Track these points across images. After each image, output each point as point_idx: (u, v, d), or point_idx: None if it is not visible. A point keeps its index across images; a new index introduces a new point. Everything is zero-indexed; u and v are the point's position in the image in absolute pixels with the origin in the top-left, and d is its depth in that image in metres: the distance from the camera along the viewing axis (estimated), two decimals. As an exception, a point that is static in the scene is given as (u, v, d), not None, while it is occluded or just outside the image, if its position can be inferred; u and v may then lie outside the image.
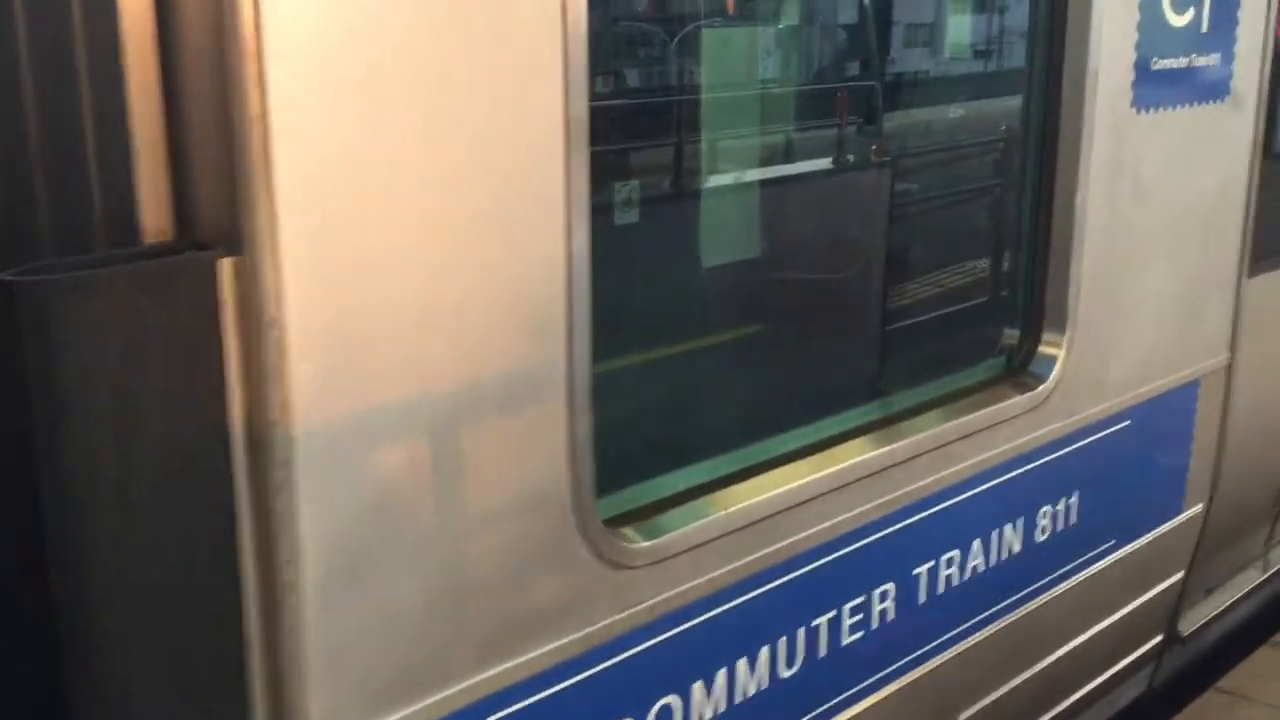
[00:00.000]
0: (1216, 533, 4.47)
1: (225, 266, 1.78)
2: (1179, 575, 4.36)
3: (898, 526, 3.07)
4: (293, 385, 1.82)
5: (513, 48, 2.04)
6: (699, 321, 3.97)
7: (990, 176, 5.26)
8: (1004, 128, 5.04)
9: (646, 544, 2.47)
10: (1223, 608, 4.73)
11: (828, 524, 2.86)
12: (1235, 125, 3.98)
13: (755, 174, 5.33)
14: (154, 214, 1.82)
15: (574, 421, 2.26)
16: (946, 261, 4.91)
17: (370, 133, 1.87)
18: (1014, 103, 3.82)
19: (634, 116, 5.78)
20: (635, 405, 3.22)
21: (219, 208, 1.80)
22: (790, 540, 2.79)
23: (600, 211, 4.90)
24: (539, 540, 2.26)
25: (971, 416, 3.25)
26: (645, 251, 4.65)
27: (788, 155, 5.75)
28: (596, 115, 2.22)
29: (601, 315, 2.29)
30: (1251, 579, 4.91)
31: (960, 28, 7.03)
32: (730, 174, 5.22)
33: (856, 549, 2.98)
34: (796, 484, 2.79)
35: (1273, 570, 5.01)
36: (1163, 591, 4.30)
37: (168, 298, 1.74)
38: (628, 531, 2.48)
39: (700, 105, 5.21)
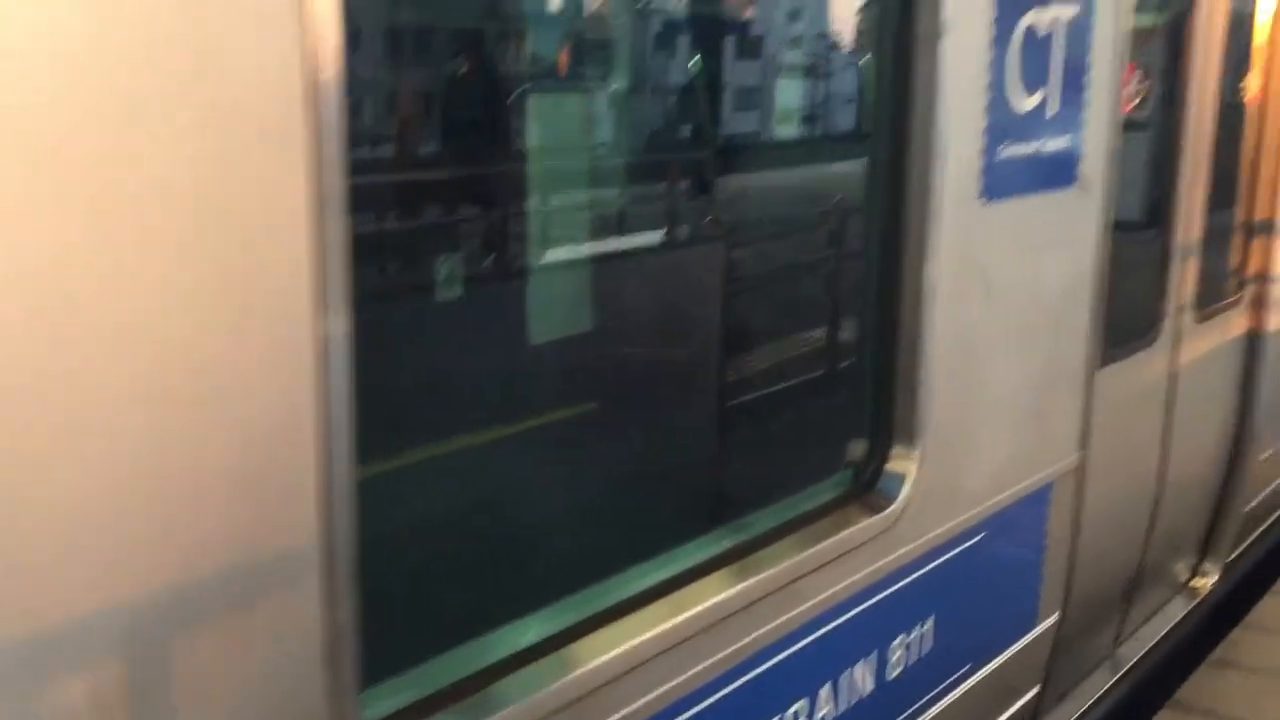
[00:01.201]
0: (1070, 640, 4.21)
1: None
2: (1035, 690, 4.07)
3: (726, 690, 2.64)
4: None
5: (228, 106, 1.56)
6: (507, 415, 3.57)
7: (834, 254, 4.99)
8: (840, 197, 4.80)
9: None
10: (1077, 715, 4.46)
11: (649, 697, 2.42)
12: (1084, 210, 3.76)
13: (580, 248, 4.99)
14: None
15: (332, 607, 1.76)
16: (785, 355, 4.62)
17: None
18: (854, 168, 3.52)
19: (455, 187, 5.38)
20: (420, 554, 2.76)
21: None
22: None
23: (411, 291, 4.52)
24: None
25: (816, 548, 2.87)
26: (459, 332, 4.24)
27: (617, 228, 5.42)
28: (405, 188, 1.73)
29: (388, 415, 1.78)
30: (1103, 681, 4.68)
31: (797, 93, 6.83)
32: (552, 248, 4.87)
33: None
34: (620, 649, 2.34)
35: (1122, 670, 4.79)
36: (1020, 709, 4.00)
37: None
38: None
39: (522, 175, 4.84)
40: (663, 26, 6.30)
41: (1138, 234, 4.58)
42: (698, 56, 6.20)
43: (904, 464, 3.12)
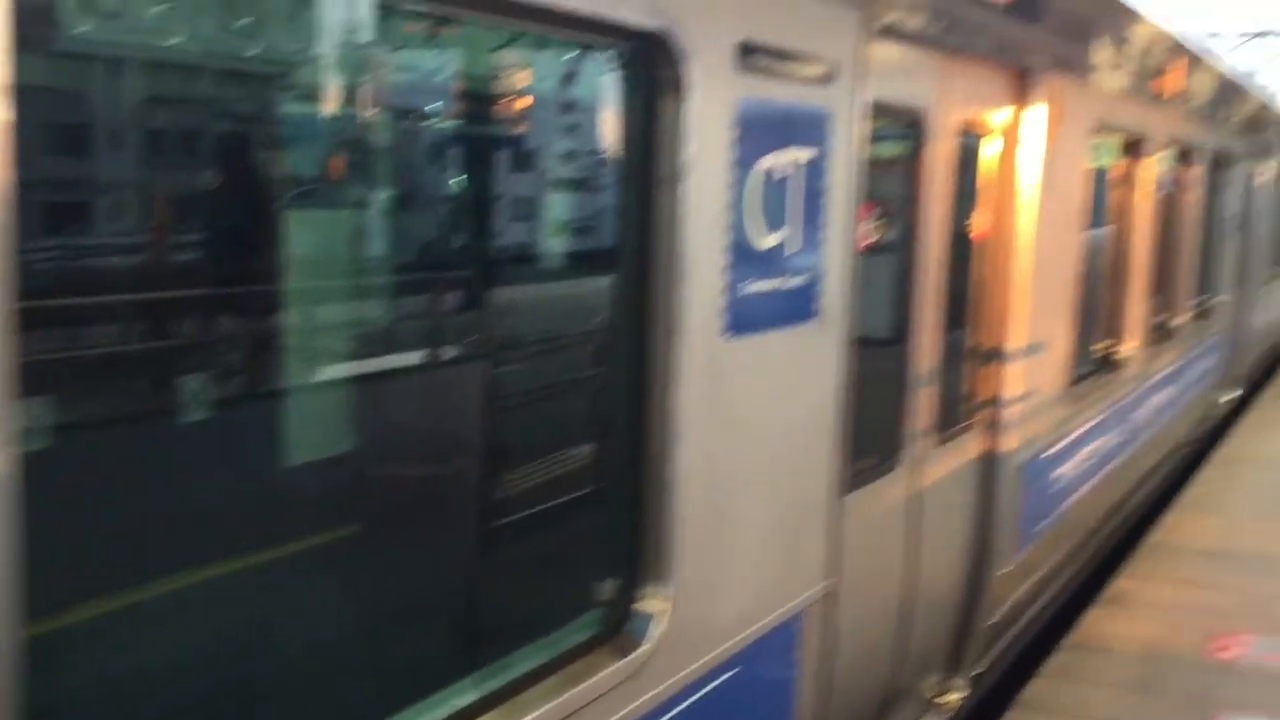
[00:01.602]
0: None
1: None
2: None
3: None
4: None
5: None
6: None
7: (598, 374, 4.97)
8: (600, 319, 4.80)
9: None
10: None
11: None
12: (825, 343, 3.86)
13: (340, 367, 4.82)
14: None
15: None
16: (544, 480, 4.53)
17: None
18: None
19: (206, 304, 5.11)
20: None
21: None
22: None
23: (157, 413, 4.25)
24: None
25: (566, 696, 2.77)
26: (208, 455, 3.99)
27: (381, 346, 5.27)
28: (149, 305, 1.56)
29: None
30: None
31: (568, 208, 6.85)
32: (311, 367, 4.68)
33: None
34: None
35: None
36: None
37: None
38: None
39: (279, 291, 4.65)
40: (431, 140, 6.24)
41: (882, 364, 4.75)
42: (465, 170, 6.16)
43: (654, 603, 3.07)
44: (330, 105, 5.03)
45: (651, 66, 2.93)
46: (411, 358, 5.55)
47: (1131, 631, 6.63)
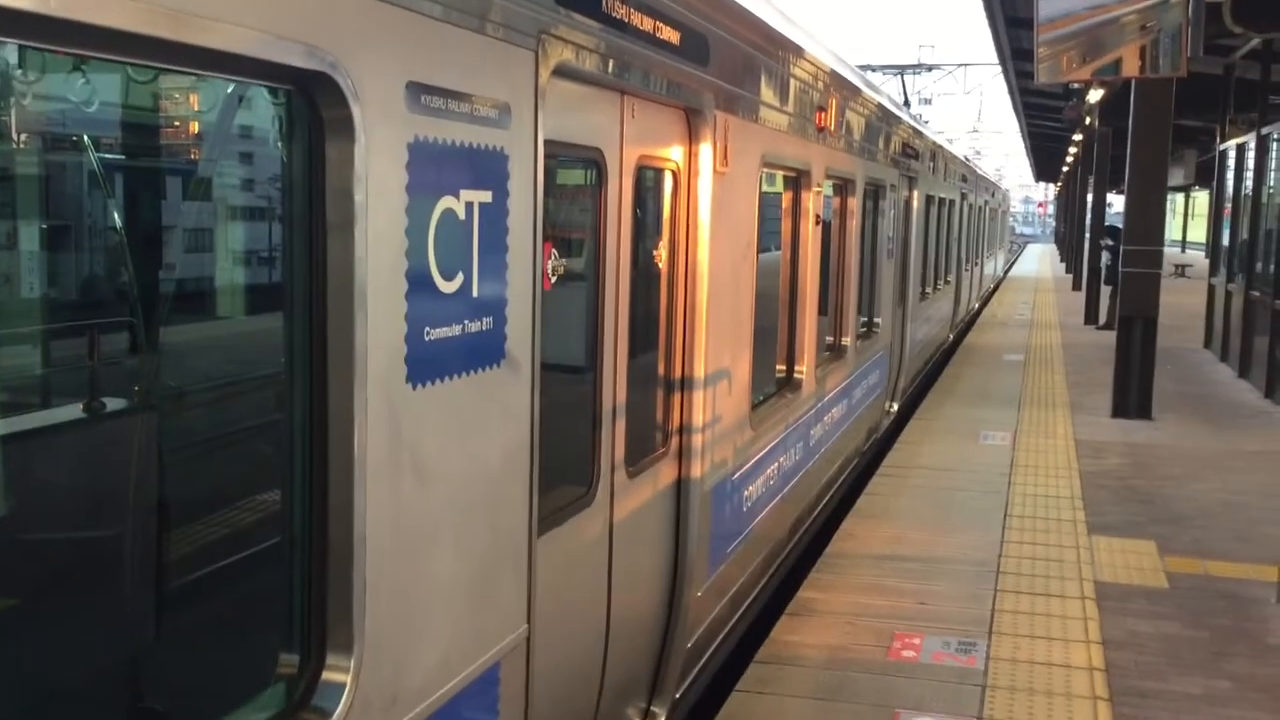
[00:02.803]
0: None
1: None
2: None
3: None
4: None
5: None
6: None
7: (272, 426, 4.70)
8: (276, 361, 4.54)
9: None
10: None
11: None
12: (513, 386, 3.80)
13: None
14: None
15: None
16: (217, 545, 4.24)
17: None
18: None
19: None
20: None
21: None
22: None
23: None
24: None
25: None
26: None
27: (36, 400, 4.79)
28: None
29: None
30: None
31: (245, 240, 6.43)
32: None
33: None
34: None
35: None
36: None
37: None
38: None
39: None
40: (81, 167, 5.73)
41: (572, 401, 4.74)
42: (125, 202, 5.70)
43: (340, 674, 2.90)
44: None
45: (317, 107, 2.79)
46: (72, 410, 5.10)
47: (819, 639, 6.95)
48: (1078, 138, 37.94)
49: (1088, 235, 32.32)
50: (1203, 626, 7.35)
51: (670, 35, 5.11)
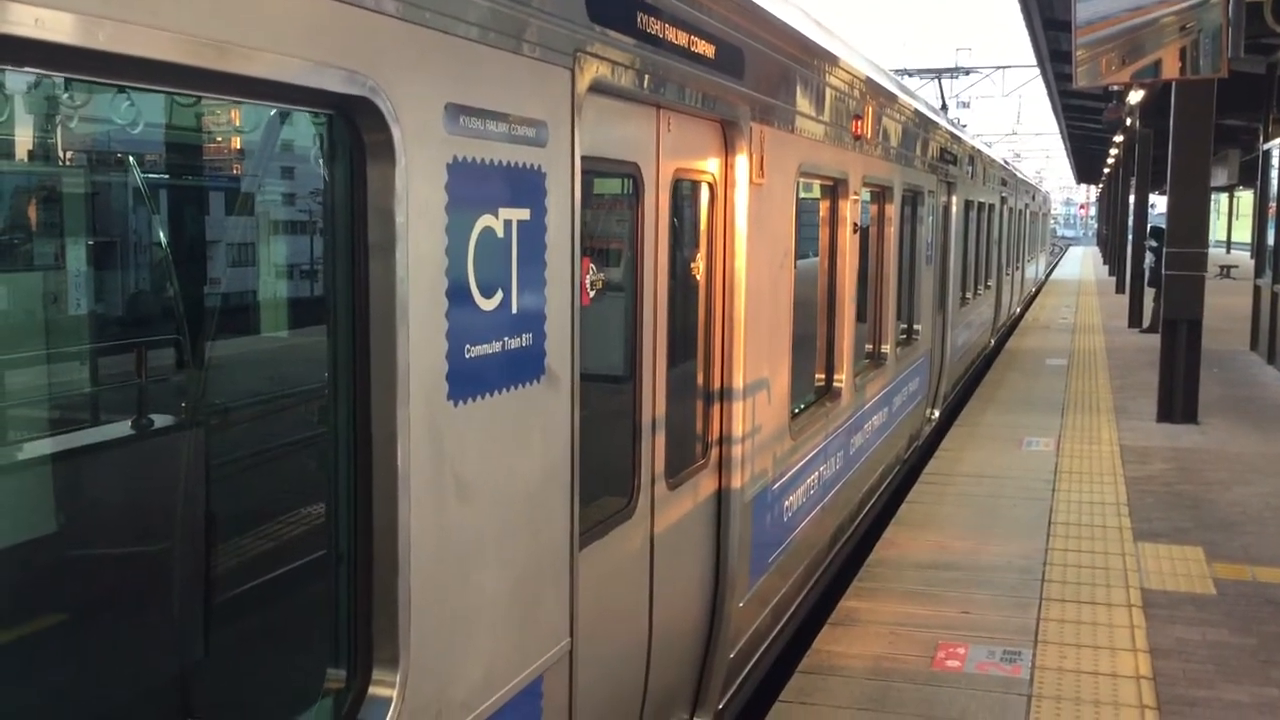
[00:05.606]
0: None
1: None
2: None
3: None
4: None
5: None
6: None
7: (317, 441, 4.76)
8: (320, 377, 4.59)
9: None
10: None
11: None
12: (554, 401, 3.83)
13: (39, 444, 4.45)
14: None
15: None
16: (264, 562, 4.30)
17: None
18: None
19: None
20: None
21: None
22: None
23: None
24: None
25: None
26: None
27: (87, 417, 4.88)
28: None
29: None
30: None
31: (289, 254, 6.50)
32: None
33: None
34: None
35: None
36: None
37: None
38: None
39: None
40: (130, 187, 5.83)
41: (613, 414, 4.77)
42: (171, 220, 5.79)
43: (387, 688, 2.94)
44: (11, 156, 4.66)
45: (358, 130, 2.84)
46: (121, 427, 5.18)
47: (862, 649, 6.92)
48: (1118, 139, 37.59)
49: (1130, 237, 32.01)
50: (1251, 634, 7.26)
51: (705, 49, 5.13)
